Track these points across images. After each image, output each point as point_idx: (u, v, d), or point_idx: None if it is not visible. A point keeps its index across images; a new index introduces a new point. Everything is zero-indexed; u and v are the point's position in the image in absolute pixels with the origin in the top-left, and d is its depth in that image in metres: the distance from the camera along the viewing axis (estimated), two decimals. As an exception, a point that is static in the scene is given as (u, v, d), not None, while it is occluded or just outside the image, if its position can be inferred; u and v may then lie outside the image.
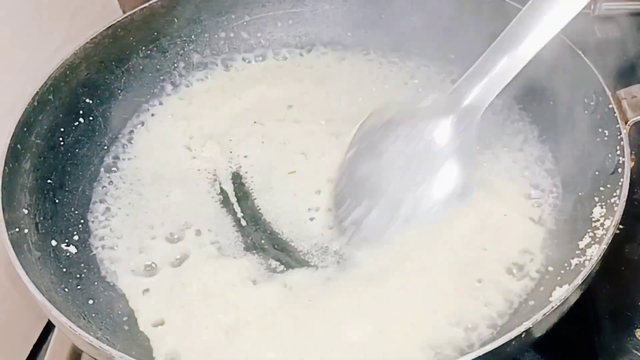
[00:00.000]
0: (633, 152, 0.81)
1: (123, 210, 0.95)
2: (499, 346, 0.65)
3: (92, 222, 0.93)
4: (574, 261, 0.78)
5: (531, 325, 0.65)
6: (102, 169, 0.99)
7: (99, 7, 1.08)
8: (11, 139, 0.85)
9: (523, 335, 0.65)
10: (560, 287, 0.73)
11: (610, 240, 0.72)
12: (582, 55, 0.89)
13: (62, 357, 0.92)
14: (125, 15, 1.03)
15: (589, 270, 0.69)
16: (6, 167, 0.83)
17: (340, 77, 1.11)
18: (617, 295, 0.86)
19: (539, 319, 0.65)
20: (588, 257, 0.74)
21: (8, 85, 0.91)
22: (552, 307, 0.66)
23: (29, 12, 0.95)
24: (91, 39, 0.99)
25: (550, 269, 0.82)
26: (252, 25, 1.15)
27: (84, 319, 0.78)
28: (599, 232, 0.77)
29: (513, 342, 0.65)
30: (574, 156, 0.90)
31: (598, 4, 1.19)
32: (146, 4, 1.05)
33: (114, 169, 0.99)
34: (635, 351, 0.80)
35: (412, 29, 1.07)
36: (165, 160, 1.01)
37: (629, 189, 0.77)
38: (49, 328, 0.97)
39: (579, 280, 0.68)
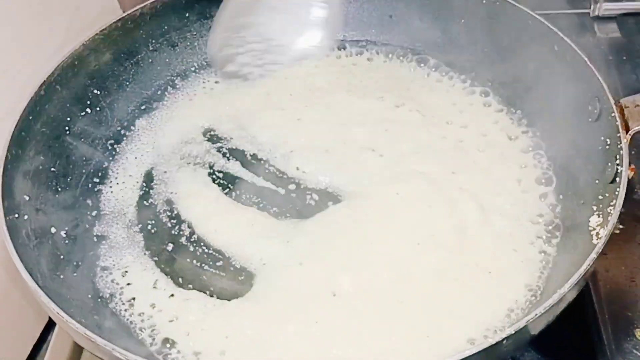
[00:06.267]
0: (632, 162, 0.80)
1: (126, 200, 0.96)
2: (493, 344, 0.64)
3: (94, 211, 0.94)
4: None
5: (513, 331, 0.65)
6: (106, 160, 1.00)
7: (99, 8, 1.08)
8: (16, 126, 0.86)
9: (504, 342, 0.64)
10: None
11: (601, 250, 0.71)
12: (588, 62, 0.88)
13: (62, 356, 0.92)
14: (135, 8, 1.04)
15: (577, 279, 0.68)
16: (9, 154, 0.84)
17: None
18: (617, 295, 0.85)
19: (511, 332, 0.65)
20: (579, 266, 0.74)
21: (8, 86, 0.92)
22: (527, 322, 0.65)
23: (29, 12, 0.95)
24: (101, 31, 1.01)
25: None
26: (263, 22, 1.15)
27: (78, 306, 0.79)
28: (594, 241, 0.76)
29: (504, 342, 0.65)
30: (576, 163, 0.89)
31: (598, 4, 1.19)
32: (157, -4, 1.07)
33: (118, 159, 1.01)
34: (635, 351, 0.80)
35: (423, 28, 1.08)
36: (169, 153, 1.02)
37: (629, 189, 0.76)
38: (49, 327, 0.97)
39: (565, 288, 0.67)
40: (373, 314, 0.80)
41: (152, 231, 0.92)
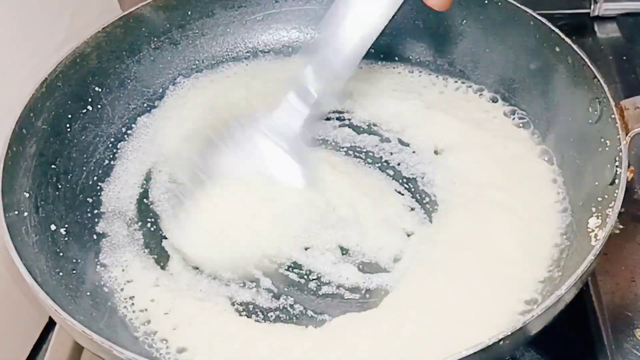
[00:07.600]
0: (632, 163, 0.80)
1: (126, 198, 0.96)
2: (491, 344, 0.64)
3: (95, 209, 0.94)
4: (565, 270, 0.77)
5: (509, 332, 0.65)
6: (107, 157, 1.00)
7: (99, 8, 1.09)
8: (16, 123, 0.86)
9: (501, 343, 0.64)
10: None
11: (598, 252, 0.71)
12: (589, 63, 0.88)
13: (62, 356, 0.92)
14: (138, 6, 1.05)
15: (574, 280, 0.68)
16: (9, 151, 0.84)
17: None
18: (617, 295, 0.85)
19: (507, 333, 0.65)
20: (576, 268, 0.74)
21: (7, 85, 0.92)
22: (523, 323, 0.66)
23: (29, 12, 0.95)
24: (103, 29, 1.01)
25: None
26: (266, 21, 1.15)
27: (75, 303, 0.80)
28: (592, 242, 0.76)
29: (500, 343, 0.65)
30: (576, 165, 0.89)
31: (598, 4, 1.19)
32: (160, -5, 1.06)
33: (119, 157, 1.01)
34: (635, 351, 0.80)
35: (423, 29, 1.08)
36: (170, 151, 1.02)
37: (629, 189, 0.76)
38: (49, 327, 0.98)
39: (562, 290, 0.67)
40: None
41: (152, 229, 0.93)
